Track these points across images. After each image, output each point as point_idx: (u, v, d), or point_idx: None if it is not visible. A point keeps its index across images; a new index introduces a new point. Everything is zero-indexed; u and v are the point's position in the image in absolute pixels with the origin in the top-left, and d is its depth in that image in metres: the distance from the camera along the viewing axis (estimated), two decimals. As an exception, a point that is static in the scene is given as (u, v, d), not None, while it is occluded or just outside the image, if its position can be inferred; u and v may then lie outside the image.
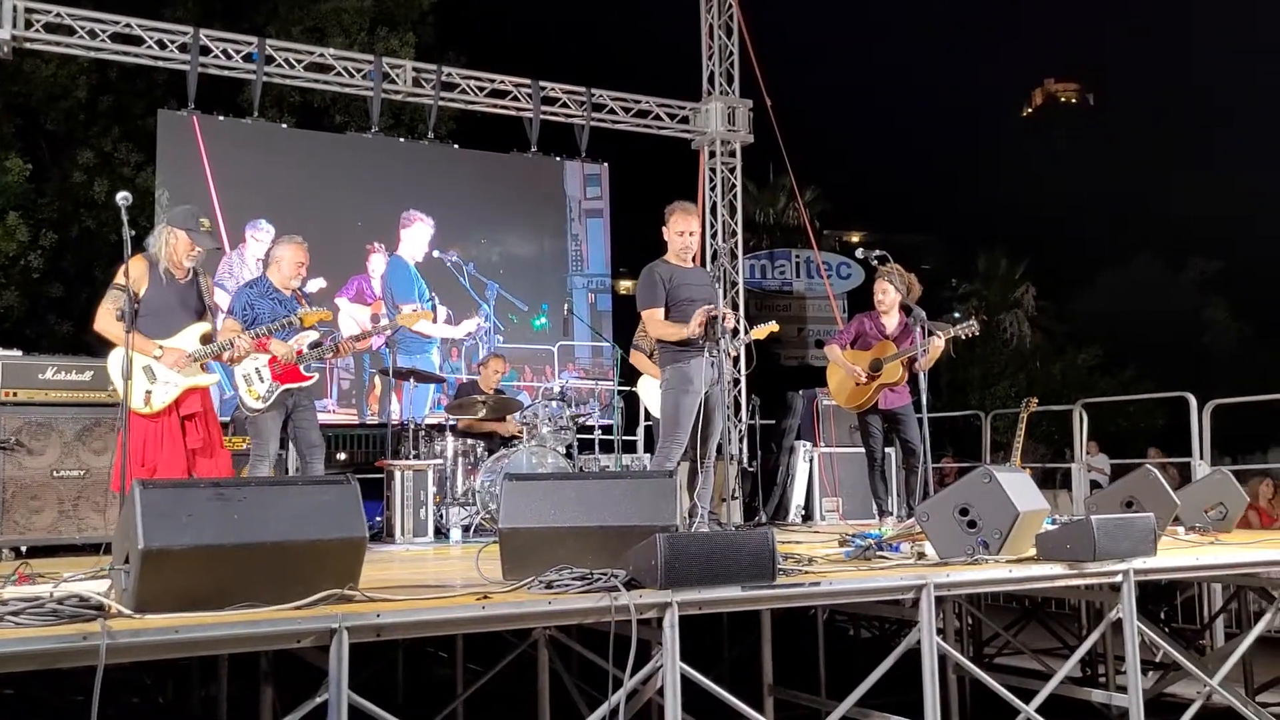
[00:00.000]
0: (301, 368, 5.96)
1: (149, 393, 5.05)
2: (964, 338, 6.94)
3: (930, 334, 6.46)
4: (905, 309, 7.02)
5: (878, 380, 6.89)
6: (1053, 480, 13.51)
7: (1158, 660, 6.38)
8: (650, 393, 7.31)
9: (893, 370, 6.88)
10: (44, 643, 2.55)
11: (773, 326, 7.08)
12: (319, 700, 2.90)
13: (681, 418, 5.82)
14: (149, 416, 5.06)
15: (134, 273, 5.10)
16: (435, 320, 11.23)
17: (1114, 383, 26.32)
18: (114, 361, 5.06)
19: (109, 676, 2.55)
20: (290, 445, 6.18)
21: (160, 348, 5.12)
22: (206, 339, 5.30)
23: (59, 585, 3.24)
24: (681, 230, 6.03)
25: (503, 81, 11.76)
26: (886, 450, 7.24)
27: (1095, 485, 10.71)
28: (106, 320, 5.03)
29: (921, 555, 4.39)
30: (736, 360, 7.13)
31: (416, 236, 11.47)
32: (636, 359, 7.46)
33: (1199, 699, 4.78)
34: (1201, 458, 8.06)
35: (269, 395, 5.84)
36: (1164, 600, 7.68)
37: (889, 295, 7.05)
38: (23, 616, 2.66)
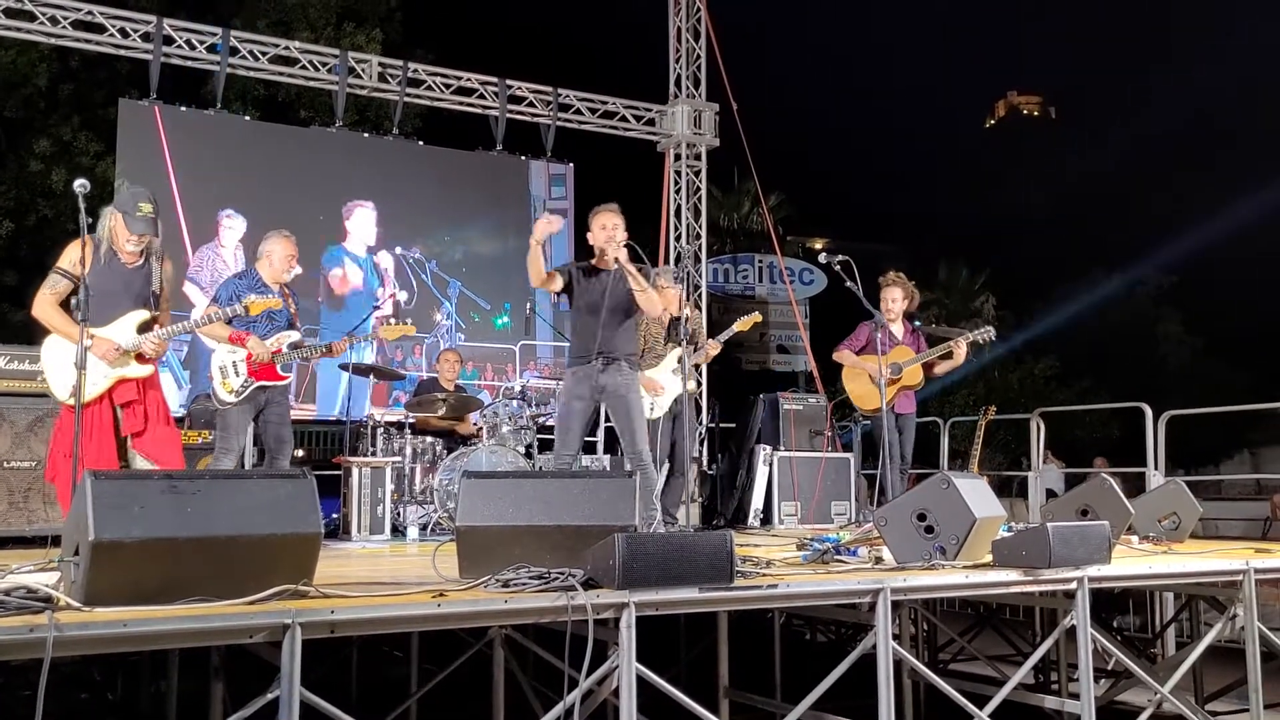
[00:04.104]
0: (278, 366, 5.91)
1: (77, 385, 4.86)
2: (981, 343, 7.14)
3: (944, 339, 6.79)
4: (908, 316, 7.39)
5: (899, 383, 7.03)
6: (1009, 488, 13.64)
7: (1109, 668, 6.45)
8: None
9: (913, 373, 7.09)
10: (-11, 634, 2.50)
11: (755, 317, 7.21)
12: (270, 697, 2.86)
13: (564, 426, 5.90)
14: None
15: (76, 254, 4.85)
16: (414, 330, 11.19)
17: (1069, 393, 26.59)
18: (47, 350, 4.92)
19: (57, 671, 2.51)
20: (258, 439, 6.13)
21: (91, 338, 4.82)
22: (145, 328, 5.06)
23: (6, 577, 3.18)
24: (603, 225, 5.85)
25: (469, 79, 11.72)
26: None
27: (1051, 494, 10.81)
28: (42, 306, 4.88)
29: (879, 560, 4.40)
30: (696, 353, 7.10)
31: (362, 223, 11.33)
32: None
33: (1150, 707, 4.83)
34: (1156, 468, 8.15)
35: (242, 390, 5.79)
36: (1116, 609, 7.76)
37: (897, 303, 7.23)
38: (-32, 608, 2.61)
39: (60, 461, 4.68)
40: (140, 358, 5.05)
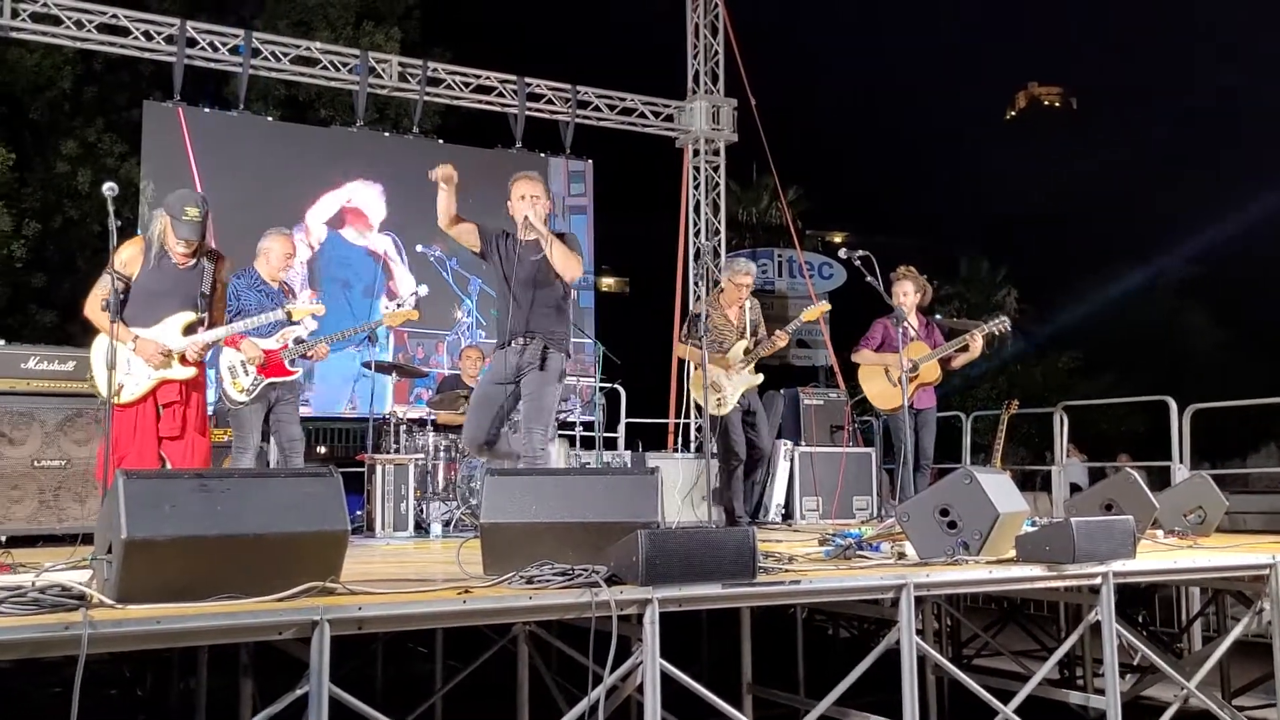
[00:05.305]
0: (286, 362, 5.97)
1: (121, 385, 4.89)
2: (997, 334, 7.11)
3: (961, 332, 6.81)
4: (923, 311, 7.39)
5: (916, 380, 6.99)
6: (1032, 483, 13.59)
7: (1135, 663, 6.43)
8: (696, 387, 7.18)
9: (930, 369, 7.05)
10: (26, 632, 2.54)
11: (824, 306, 7.20)
12: (299, 693, 2.90)
13: (474, 407, 5.52)
14: (122, 406, 4.93)
15: (126, 254, 4.99)
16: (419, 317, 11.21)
17: (1094, 386, 26.43)
18: (95, 350, 4.99)
19: (87, 668, 2.54)
20: (272, 438, 6.19)
21: (135, 339, 4.93)
22: (190, 329, 5.08)
23: (40, 575, 3.23)
24: (523, 194, 5.45)
25: (488, 77, 11.76)
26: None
27: (1075, 488, 10.77)
28: (91, 306, 4.95)
29: (902, 555, 4.41)
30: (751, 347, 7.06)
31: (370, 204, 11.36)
32: (683, 350, 7.29)
33: (1176, 702, 4.81)
34: (1181, 462, 8.11)
35: (253, 388, 5.85)
36: (1142, 603, 7.72)
37: (909, 297, 7.20)
38: (4, 606, 2.65)
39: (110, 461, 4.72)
40: (184, 359, 5.06)
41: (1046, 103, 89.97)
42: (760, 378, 7.10)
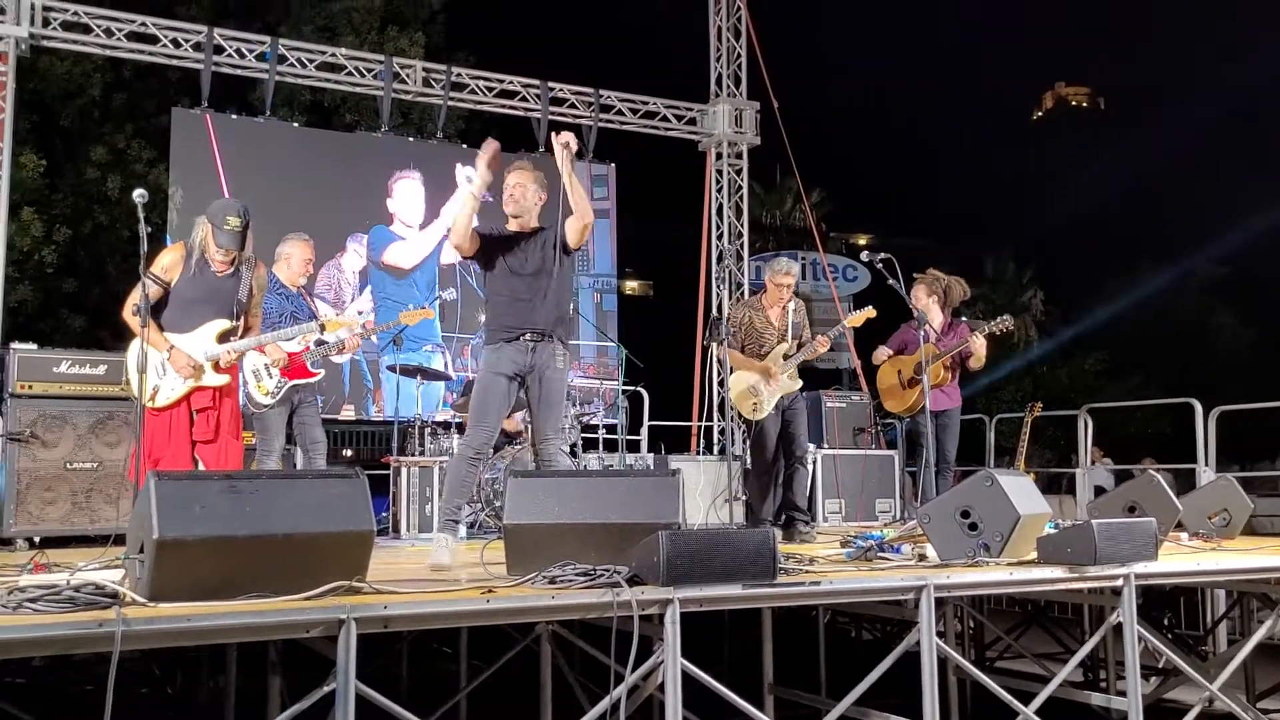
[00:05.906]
0: (308, 364, 6.04)
1: (156, 389, 4.98)
2: (999, 333, 7.13)
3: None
4: (954, 312, 7.41)
5: (921, 383, 7.00)
6: (1057, 485, 13.52)
7: (1159, 665, 6.40)
8: (735, 391, 7.02)
9: (934, 371, 7.05)
10: (61, 629, 2.62)
11: (869, 312, 7.20)
12: (326, 690, 2.95)
13: (484, 403, 5.10)
14: (157, 410, 5.00)
15: (167, 261, 5.06)
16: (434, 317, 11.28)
17: (1120, 388, 26.24)
18: (131, 353, 5.07)
19: (120, 666, 2.60)
20: (296, 440, 6.27)
21: (171, 348, 4.99)
22: (224, 337, 5.14)
23: (74, 574, 3.30)
24: (511, 194, 5.40)
25: (511, 82, 11.82)
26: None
27: (1100, 491, 10.72)
28: (128, 310, 5.03)
29: (922, 557, 4.43)
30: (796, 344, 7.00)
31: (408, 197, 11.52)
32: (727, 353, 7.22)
33: (1199, 704, 4.81)
34: (1206, 464, 8.07)
35: (278, 391, 5.93)
36: (1166, 606, 7.69)
37: (921, 301, 7.23)
38: (40, 603, 2.73)
39: (142, 465, 4.79)
40: (217, 366, 5.12)
41: (1074, 103, 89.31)
42: (799, 383, 6.89)
